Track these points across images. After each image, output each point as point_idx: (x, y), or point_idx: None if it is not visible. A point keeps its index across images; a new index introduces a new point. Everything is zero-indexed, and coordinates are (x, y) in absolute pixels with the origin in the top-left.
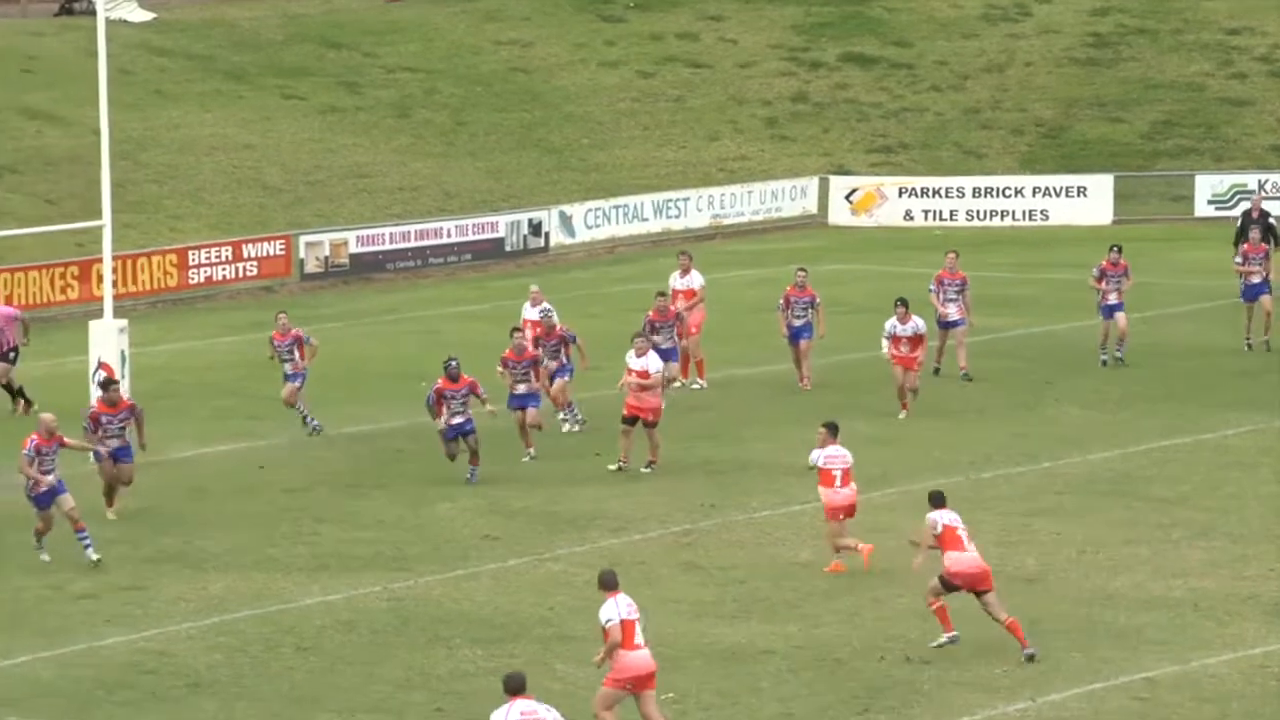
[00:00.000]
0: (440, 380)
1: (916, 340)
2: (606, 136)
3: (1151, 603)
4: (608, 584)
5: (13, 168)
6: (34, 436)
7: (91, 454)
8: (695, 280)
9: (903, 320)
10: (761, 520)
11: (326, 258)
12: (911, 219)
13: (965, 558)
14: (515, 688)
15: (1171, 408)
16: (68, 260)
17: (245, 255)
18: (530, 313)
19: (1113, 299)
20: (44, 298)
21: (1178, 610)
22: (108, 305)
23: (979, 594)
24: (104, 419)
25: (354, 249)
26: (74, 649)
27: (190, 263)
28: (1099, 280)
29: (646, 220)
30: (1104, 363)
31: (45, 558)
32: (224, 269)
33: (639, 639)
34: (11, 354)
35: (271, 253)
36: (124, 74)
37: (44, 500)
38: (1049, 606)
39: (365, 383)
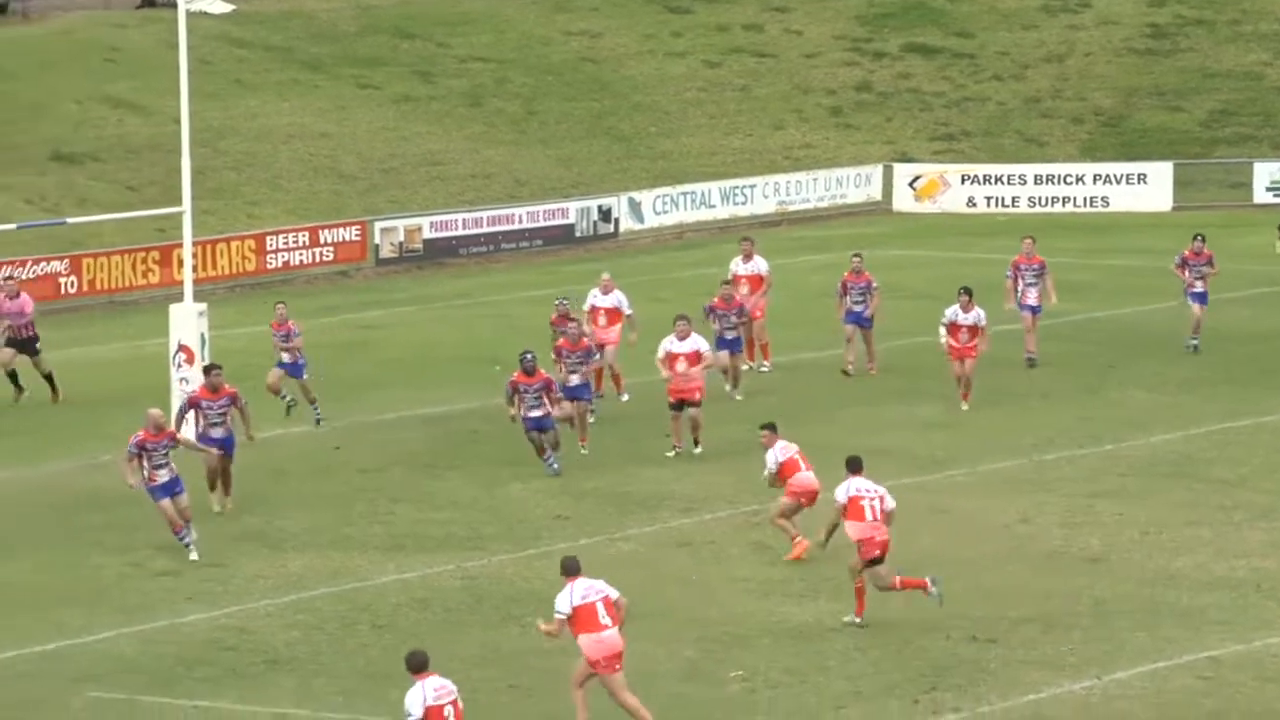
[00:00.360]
0: (516, 373)
1: (975, 330)
2: (674, 125)
3: (1214, 583)
4: (568, 569)
5: (96, 155)
6: (140, 433)
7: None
8: (759, 265)
9: (965, 309)
10: (828, 501)
11: (401, 243)
12: (974, 205)
13: (866, 526)
14: (418, 665)
15: (1232, 391)
16: (149, 245)
17: (322, 241)
18: (601, 300)
19: (1199, 287)
20: (125, 282)
21: (1240, 590)
22: (188, 289)
23: (872, 563)
24: (204, 404)
25: (428, 235)
26: (155, 625)
27: (268, 248)
28: (1180, 268)
29: (714, 207)
30: (1192, 347)
31: (193, 556)
32: (301, 254)
33: (604, 619)
34: (35, 342)
35: (347, 238)
36: (204, 64)
37: (158, 493)
38: (1113, 587)
39: (438, 366)
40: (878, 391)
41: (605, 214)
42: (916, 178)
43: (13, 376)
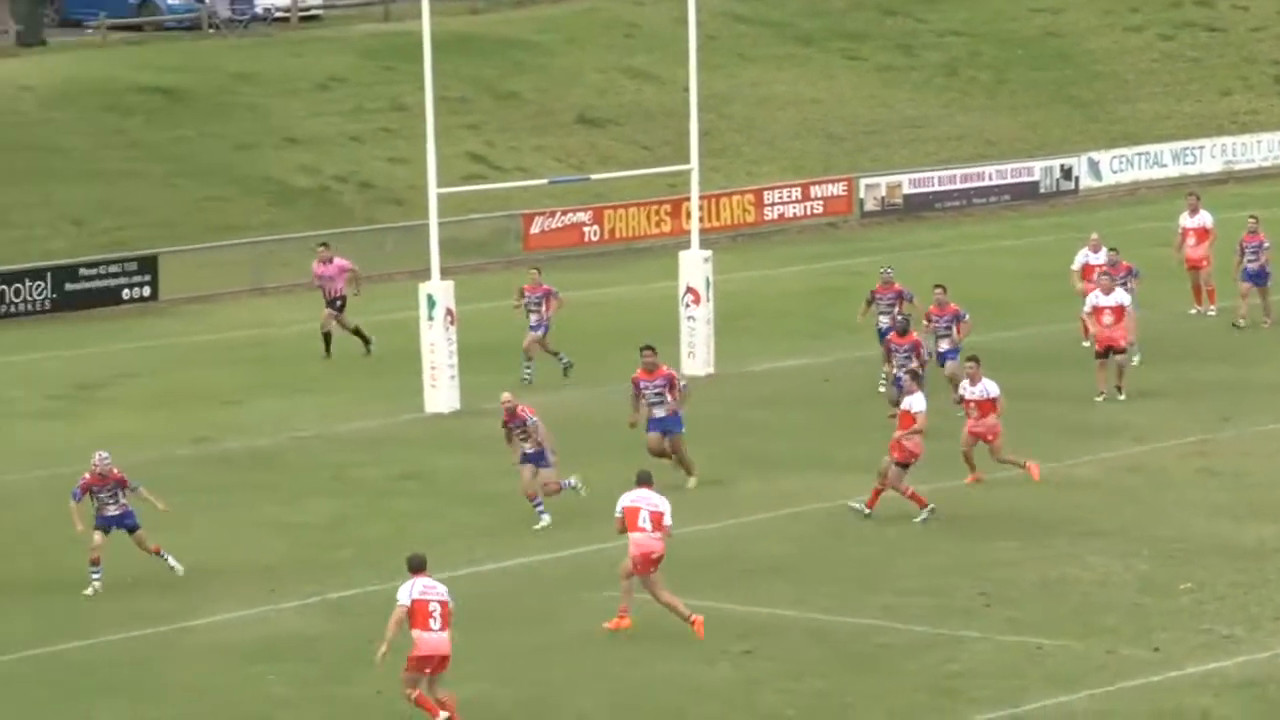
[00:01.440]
0: (891, 335)
1: None
2: (1130, 92)
3: None
4: (641, 480)
5: (617, 120)
6: (503, 412)
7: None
8: (1204, 219)
9: None
10: (1270, 432)
11: (883, 198)
12: None
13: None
14: (417, 566)
15: None
16: (661, 199)
17: (812, 195)
18: (1093, 258)
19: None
20: (640, 231)
21: None
22: (694, 238)
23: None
24: (642, 385)
25: (907, 190)
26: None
27: (765, 201)
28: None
29: (1165, 166)
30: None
31: (544, 521)
32: (794, 207)
33: (643, 523)
34: (339, 302)
35: (835, 193)
36: (710, 39)
37: (523, 459)
38: None
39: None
40: None
41: (1067, 172)
42: None
43: (326, 338)
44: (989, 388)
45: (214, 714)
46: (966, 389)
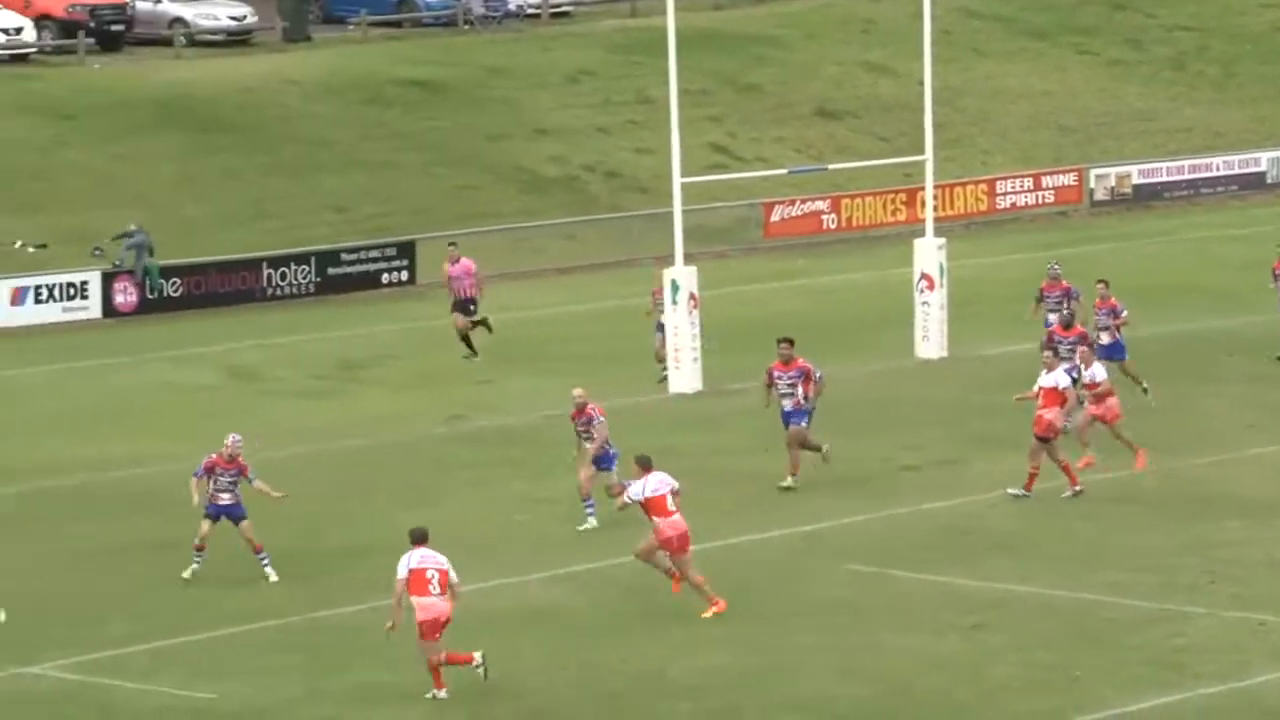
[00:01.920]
0: (1055, 326)
1: None
2: None
3: None
4: (643, 464)
5: (854, 112)
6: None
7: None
8: None
9: None
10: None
11: (1112, 188)
12: None
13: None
14: (419, 538)
15: None
16: (897, 188)
17: (1043, 185)
18: None
19: None
20: (876, 219)
21: None
22: (929, 226)
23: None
24: (776, 375)
25: (1136, 180)
26: (900, 512)
27: (997, 191)
28: None
29: None
30: None
31: (590, 523)
32: (1025, 196)
33: (671, 506)
34: (471, 305)
35: (1065, 183)
36: (945, 34)
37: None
38: None
39: (1148, 293)
40: None
41: None
42: None
43: (465, 339)
44: (1097, 372)
45: (471, 678)
46: (1081, 373)
